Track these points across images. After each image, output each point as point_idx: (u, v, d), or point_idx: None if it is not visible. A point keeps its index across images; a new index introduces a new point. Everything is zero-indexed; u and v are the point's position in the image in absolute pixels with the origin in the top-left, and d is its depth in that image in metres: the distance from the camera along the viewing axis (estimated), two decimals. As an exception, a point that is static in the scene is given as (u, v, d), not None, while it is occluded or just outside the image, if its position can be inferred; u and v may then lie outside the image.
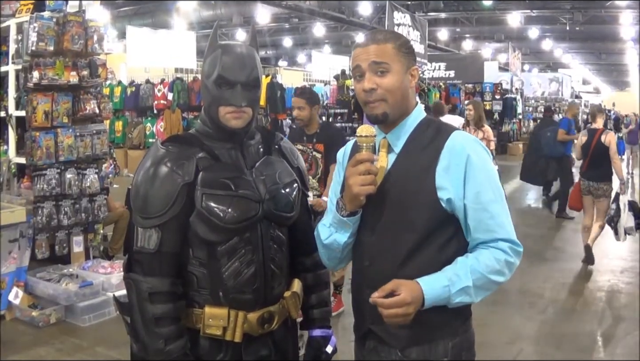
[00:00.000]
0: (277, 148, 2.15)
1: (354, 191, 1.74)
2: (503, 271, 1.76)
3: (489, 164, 1.81)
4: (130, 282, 1.92)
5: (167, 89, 14.32)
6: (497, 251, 1.76)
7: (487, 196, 1.77)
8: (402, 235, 1.78)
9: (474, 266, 1.73)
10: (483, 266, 1.73)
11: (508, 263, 1.76)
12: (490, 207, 1.77)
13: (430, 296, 1.69)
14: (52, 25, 5.21)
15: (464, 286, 1.71)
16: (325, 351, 2.18)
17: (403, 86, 1.82)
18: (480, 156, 1.79)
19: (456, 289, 1.71)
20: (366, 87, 1.80)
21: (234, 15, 19.56)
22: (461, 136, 1.82)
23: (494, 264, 1.74)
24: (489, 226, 1.77)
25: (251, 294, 1.96)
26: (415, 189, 1.77)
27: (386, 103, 1.80)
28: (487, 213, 1.76)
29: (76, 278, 5.27)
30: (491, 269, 1.74)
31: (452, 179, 1.75)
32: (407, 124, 1.85)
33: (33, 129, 5.22)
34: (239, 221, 1.90)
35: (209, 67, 1.96)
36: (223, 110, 1.94)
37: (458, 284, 1.71)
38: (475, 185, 1.76)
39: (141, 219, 1.91)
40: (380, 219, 1.83)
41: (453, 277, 1.71)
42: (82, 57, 5.49)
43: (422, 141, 1.82)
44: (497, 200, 1.78)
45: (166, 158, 1.92)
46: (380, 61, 1.78)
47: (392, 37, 1.84)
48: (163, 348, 1.86)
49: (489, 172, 1.79)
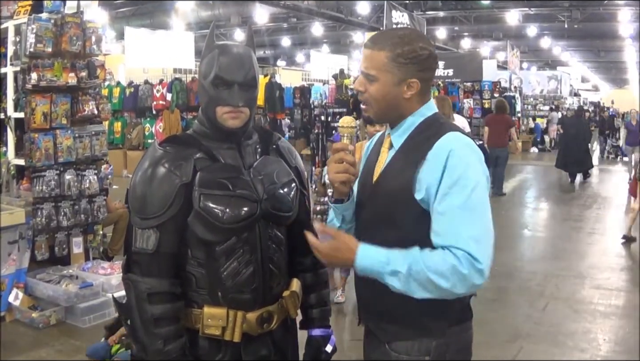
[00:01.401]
0: (275, 148, 2.14)
1: (329, 178, 1.82)
2: (447, 275, 1.63)
3: (471, 168, 1.71)
4: (129, 283, 1.92)
5: (166, 89, 14.31)
6: (449, 255, 1.65)
7: (454, 200, 1.68)
8: (385, 230, 1.81)
9: (418, 257, 1.67)
10: (427, 260, 1.65)
11: (456, 271, 1.63)
12: (454, 212, 1.67)
13: (361, 262, 1.72)
14: (50, 26, 5.21)
15: (397, 270, 1.67)
16: (324, 350, 2.18)
17: (389, 97, 1.81)
18: (462, 158, 1.71)
19: (389, 269, 1.68)
20: (356, 88, 1.87)
21: (232, 16, 19.57)
22: (451, 137, 1.76)
23: (438, 264, 1.64)
24: (446, 231, 1.68)
25: (250, 294, 1.96)
26: (398, 187, 1.78)
27: (370, 108, 1.86)
28: (448, 218, 1.68)
29: (76, 279, 5.27)
30: (434, 268, 1.64)
31: (430, 179, 1.71)
32: (409, 123, 1.85)
33: (32, 130, 5.21)
34: (237, 221, 1.90)
35: (206, 67, 1.96)
36: (220, 110, 1.94)
37: (393, 266, 1.67)
38: (446, 186, 1.69)
39: (139, 220, 1.92)
40: (372, 214, 1.87)
41: (392, 258, 1.68)
42: (80, 59, 5.49)
43: (418, 140, 1.81)
44: (466, 207, 1.67)
45: (164, 159, 1.92)
46: (367, 71, 1.81)
47: (392, 44, 1.78)
48: (162, 349, 1.86)
49: (467, 176, 1.69)
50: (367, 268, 1.72)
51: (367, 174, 1.93)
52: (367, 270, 1.72)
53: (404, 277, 1.67)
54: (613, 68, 39.11)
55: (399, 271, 1.67)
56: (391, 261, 1.68)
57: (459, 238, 1.65)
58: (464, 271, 1.63)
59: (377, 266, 1.70)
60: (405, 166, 1.79)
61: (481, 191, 1.70)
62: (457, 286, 1.65)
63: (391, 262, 1.68)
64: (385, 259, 1.69)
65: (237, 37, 21.72)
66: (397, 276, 1.68)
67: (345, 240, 1.74)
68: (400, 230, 1.77)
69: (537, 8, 20.13)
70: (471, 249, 1.64)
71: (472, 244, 1.65)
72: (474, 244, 1.65)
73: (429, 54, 1.81)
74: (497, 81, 19.22)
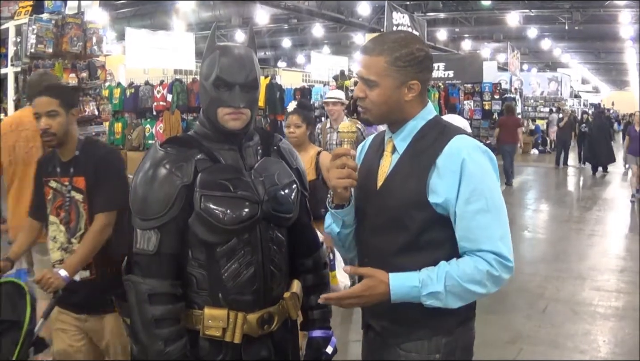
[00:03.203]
0: (276, 149, 2.15)
1: (332, 184, 1.82)
2: (483, 282, 1.72)
3: (486, 172, 1.77)
4: (130, 284, 1.92)
5: (167, 90, 14.29)
6: (481, 261, 1.71)
7: (478, 204, 1.73)
8: (395, 234, 1.81)
9: (451, 272, 1.72)
10: (461, 273, 1.71)
11: (491, 276, 1.71)
12: (479, 216, 1.73)
13: (397, 292, 1.73)
14: (50, 27, 5.22)
15: (434, 291, 1.71)
16: (325, 351, 2.18)
17: (392, 101, 1.81)
18: (476, 162, 1.75)
19: (426, 292, 1.71)
20: (355, 95, 1.87)
21: (232, 17, 19.56)
22: (461, 140, 1.78)
23: (474, 274, 1.71)
24: (475, 236, 1.73)
25: (250, 295, 1.96)
26: (409, 191, 1.78)
27: (370, 113, 1.86)
28: (475, 222, 1.73)
29: (76, 280, 5.26)
30: (469, 278, 1.71)
31: (446, 184, 1.74)
32: (411, 126, 1.85)
33: (32, 131, 5.21)
34: (237, 222, 1.90)
35: (207, 68, 1.96)
36: (221, 111, 1.94)
37: (429, 288, 1.71)
38: (466, 192, 1.73)
39: (140, 221, 1.92)
40: (378, 218, 1.86)
41: (426, 279, 1.72)
42: (81, 59, 5.50)
43: (424, 144, 1.82)
44: (488, 210, 1.73)
45: (165, 160, 1.92)
46: (367, 77, 1.81)
47: (389, 48, 1.79)
48: (163, 350, 1.86)
49: (484, 180, 1.75)
50: (404, 298, 1.74)
51: (367, 179, 1.91)
52: (404, 299, 1.75)
53: (443, 295, 1.71)
54: (613, 70, 39.12)
55: (438, 292, 1.71)
56: (425, 284, 1.71)
57: (487, 241, 1.72)
58: (496, 273, 1.71)
59: (413, 293, 1.72)
60: (414, 171, 1.79)
61: (497, 192, 1.78)
62: (493, 288, 1.74)
63: (425, 285, 1.71)
64: (419, 284, 1.72)
65: (238, 38, 21.72)
66: (436, 297, 1.71)
67: (377, 275, 1.75)
68: (411, 234, 1.78)
69: (537, 10, 20.14)
70: (501, 250, 1.72)
71: (500, 244, 1.73)
72: (501, 244, 1.73)
73: (425, 55, 1.82)
74: (498, 83, 19.23)
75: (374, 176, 1.90)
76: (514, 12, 20.30)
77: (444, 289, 1.70)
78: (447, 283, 1.70)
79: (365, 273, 1.76)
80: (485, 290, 1.73)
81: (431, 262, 1.76)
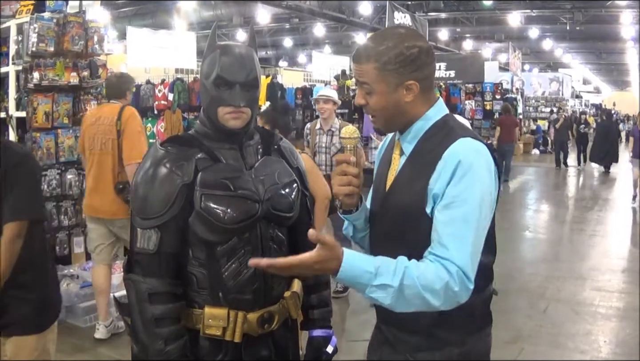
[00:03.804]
0: (276, 148, 2.15)
1: (334, 192, 1.80)
2: (439, 293, 1.56)
3: (477, 180, 1.63)
4: (130, 283, 1.92)
5: (168, 89, 14.28)
6: (442, 270, 1.57)
7: (457, 212, 1.61)
8: (402, 239, 1.75)
9: (411, 270, 1.56)
10: (420, 275, 1.56)
11: (448, 289, 1.56)
12: (455, 225, 1.60)
13: (346, 272, 1.55)
14: (52, 26, 5.21)
15: (386, 284, 1.55)
16: (325, 351, 2.18)
17: (391, 105, 1.74)
18: (469, 168, 1.63)
19: (378, 283, 1.55)
20: (357, 103, 1.81)
21: (234, 16, 19.55)
22: (461, 144, 1.67)
23: (434, 281, 1.56)
24: (446, 243, 1.60)
25: (251, 295, 1.96)
26: (409, 200, 1.72)
27: (377, 119, 1.80)
28: (449, 230, 1.60)
29: (77, 279, 5.27)
30: (427, 284, 1.55)
31: (437, 189, 1.65)
32: (418, 128, 1.78)
33: (33, 130, 5.21)
34: (238, 221, 1.90)
35: (208, 67, 1.96)
36: (222, 110, 1.94)
37: (382, 279, 1.55)
38: (450, 196, 1.62)
39: (140, 220, 1.92)
40: (384, 220, 1.84)
41: (382, 269, 1.56)
42: (82, 58, 5.49)
43: (428, 146, 1.74)
44: (467, 220, 1.60)
45: (165, 159, 1.92)
46: (363, 82, 1.75)
47: (377, 53, 1.70)
48: (163, 349, 1.86)
49: (471, 188, 1.62)
50: (351, 281, 1.57)
51: (380, 181, 1.89)
52: (350, 282, 1.58)
53: (393, 292, 1.55)
54: (615, 70, 39.09)
55: (388, 285, 1.55)
56: (379, 273, 1.55)
57: (457, 253, 1.58)
58: (455, 288, 1.57)
59: (364, 278, 1.55)
60: (415, 176, 1.73)
61: (484, 203, 1.64)
62: (445, 304, 1.58)
63: (380, 274, 1.55)
64: (374, 271, 1.55)
65: (239, 37, 21.70)
66: (386, 290, 1.55)
67: (335, 249, 1.55)
68: (410, 247, 1.67)
69: (539, 10, 20.11)
70: (467, 268, 1.58)
71: (468, 261, 1.59)
72: (469, 262, 1.59)
73: (418, 51, 1.71)
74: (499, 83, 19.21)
75: (384, 178, 1.88)
76: (516, 12, 20.27)
77: (398, 285, 1.54)
78: (405, 281, 1.54)
79: (327, 243, 1.53)
80: (437, 303, 1.57)
81: None
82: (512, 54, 23.05)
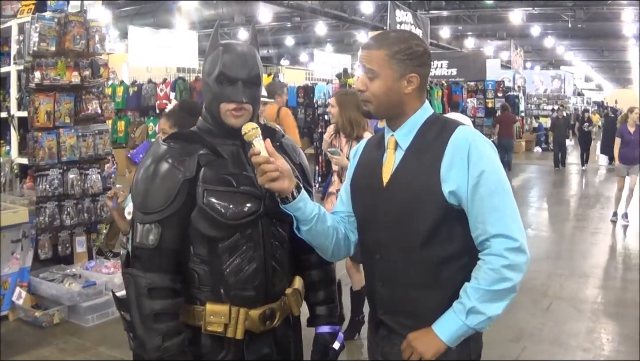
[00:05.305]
0: (279, 145, 2.14)
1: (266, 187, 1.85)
2: (505, 276, 1.75)
3: (490, 157, 1.81)
4: (129, 277, 1.92)
5: (170, 88, 14.32)
6: (491, 259, 1.76)
7: (486, 187, 1.77)
8: (411, 229, 1.82)
9: (473, 285, 1.77)
10: (482, 282, 1.76)
11: (508, 267, 1.75)
12: (488, 198, 1.77)
13: (449, 337, 1.79)
14: (53, 25, 5.21)
15: (469, 308, 1.76)
16: (332, 347, 2.17)
17: (392, 92, 1.86)
18: (481, 148, 1.79)
19: (465, 316, 1.76)
20: (357, 88, 1.92)
21: (235, 15, 19.55)
22: (464, 130, 1.83)
23: (492, 276, 1.75)
24: (485, 218, 1.77)
25: (252, 291, 1.96)
26: (422, 185, 1.81)
27: (371, 104, 1.90)
28: (485, 205, 1.76)
29: (79, 278, 5.28)
30: (491, 281, 1.75)
31: (456, 172, 1.77)
32: (412, 122, 1.90)
33: (35, 129, 5.22)
34: (240, 218, 1.90)
35: (210, 65, 1.97)
36: (224, 107, 1.94)
37: (464, 310, 1.76)
38: (475, 176, 1.77)
39: (141, 214, 1.92)
40: (388, 214, 1.87)
41: (458, 307, 1.78)
42: (84, 57, 5.49)
43: (428, 138, 1.86)
44: (496, 191, 1.78)
45: (167, 155, 1.93)
46: (369, 67, 1.86)
47: (389, 43, 1.86)
48: (161, 345, 1.86)
49: (489, 164, 1.79)
50: (456, 337, 1.80)
51: (371, 177, 1.94)
52: (456, 338, 1.80)
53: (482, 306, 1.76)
54: (616, 68, 39.05)
55: (472, 307, 1.75)
56: (460, 310, 1.77)
57: (497, 222, 1.76)
58: (510, 261, 1.75)
59: (458, 326, 1.78)
60: (424, 163, 1.83)
61: (503, 174, 1.82)
62: (517, 277, 1.77)
63: (460, 311, 1.77)
64: (455, 315, 1.78)
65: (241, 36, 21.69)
66: (476, 312, 1.76)
67: (419, 336, 1.81)
68: (428, 226, 1.80)
69: (540, 7, 20.08)
70: (508, 231, 1.76)
71: (511, 225, 1.77)
72: (511, 224, 1.77)
73: (424, 50, 1.88)
74: (501, 80, 19.22)
75: (378, 174, 1.92)
76: (517, 9, 20.25)
77: (476, 303, 1.75)
78: (476, 295, 1.76)
79: (407, 347, 1.83)
80: (511, 282, 1.76)
81: (445, 255, 1.81)
82: (514, 52, 23.05)
